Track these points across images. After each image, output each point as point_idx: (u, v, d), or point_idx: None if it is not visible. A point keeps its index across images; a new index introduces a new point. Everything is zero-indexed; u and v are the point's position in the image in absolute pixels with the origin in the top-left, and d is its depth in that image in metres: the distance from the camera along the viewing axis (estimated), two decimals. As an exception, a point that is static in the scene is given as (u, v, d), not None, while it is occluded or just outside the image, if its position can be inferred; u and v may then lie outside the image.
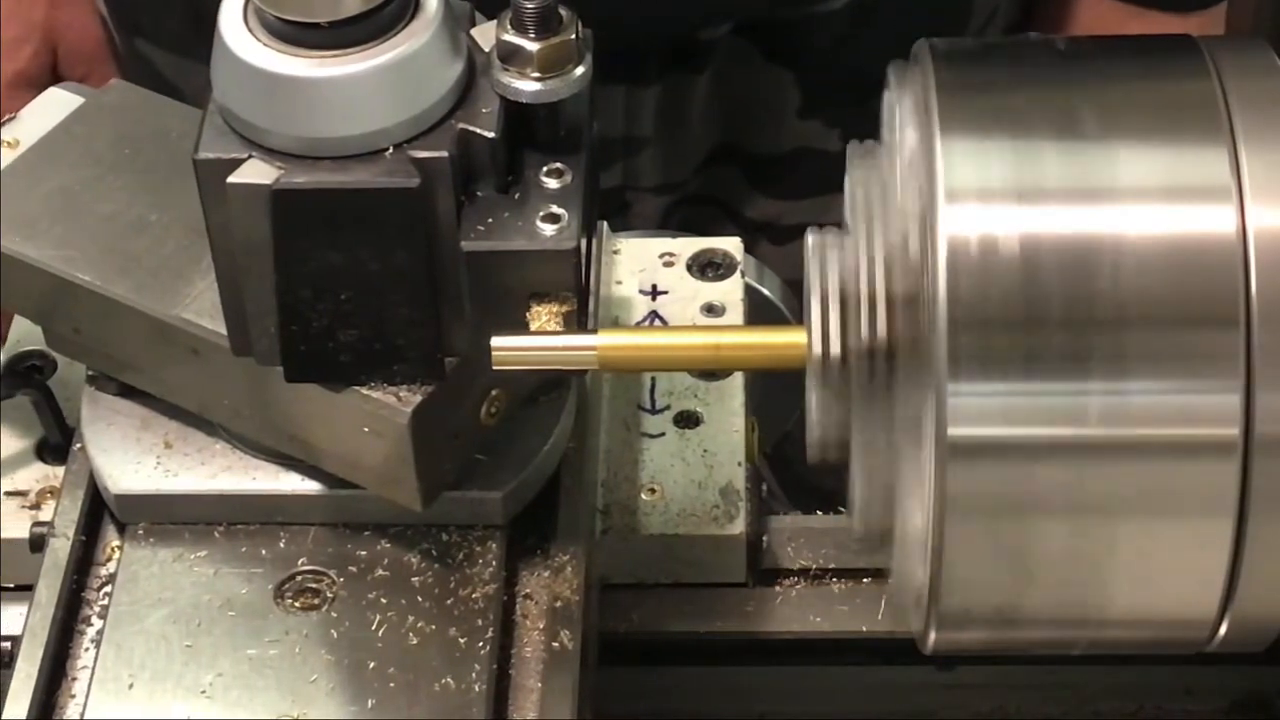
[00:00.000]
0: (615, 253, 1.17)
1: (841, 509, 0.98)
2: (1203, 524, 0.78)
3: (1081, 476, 0.77)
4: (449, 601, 0.93)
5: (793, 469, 1.31)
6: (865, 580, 1.07)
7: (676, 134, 1.45)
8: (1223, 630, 0.81)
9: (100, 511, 0.98)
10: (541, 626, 0.94)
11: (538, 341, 0.85)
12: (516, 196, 0.86)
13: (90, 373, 1.00)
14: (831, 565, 1.07)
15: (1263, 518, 0.77)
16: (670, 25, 1.38)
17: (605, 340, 0.84)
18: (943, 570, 0.79)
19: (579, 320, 0.86)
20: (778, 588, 1.07)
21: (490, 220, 0.85)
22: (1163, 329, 0.76)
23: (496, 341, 0.84)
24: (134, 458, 0.97)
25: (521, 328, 0.86)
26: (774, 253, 1.46)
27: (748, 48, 1.44)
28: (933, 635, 0.82)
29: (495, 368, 0.84)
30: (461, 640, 0.92)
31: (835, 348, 0.81)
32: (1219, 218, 0.76)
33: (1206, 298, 0.76)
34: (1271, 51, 0.81)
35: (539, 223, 0.85)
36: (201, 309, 0.93)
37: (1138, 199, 0.77)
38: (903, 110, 0.82)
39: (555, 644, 0.93)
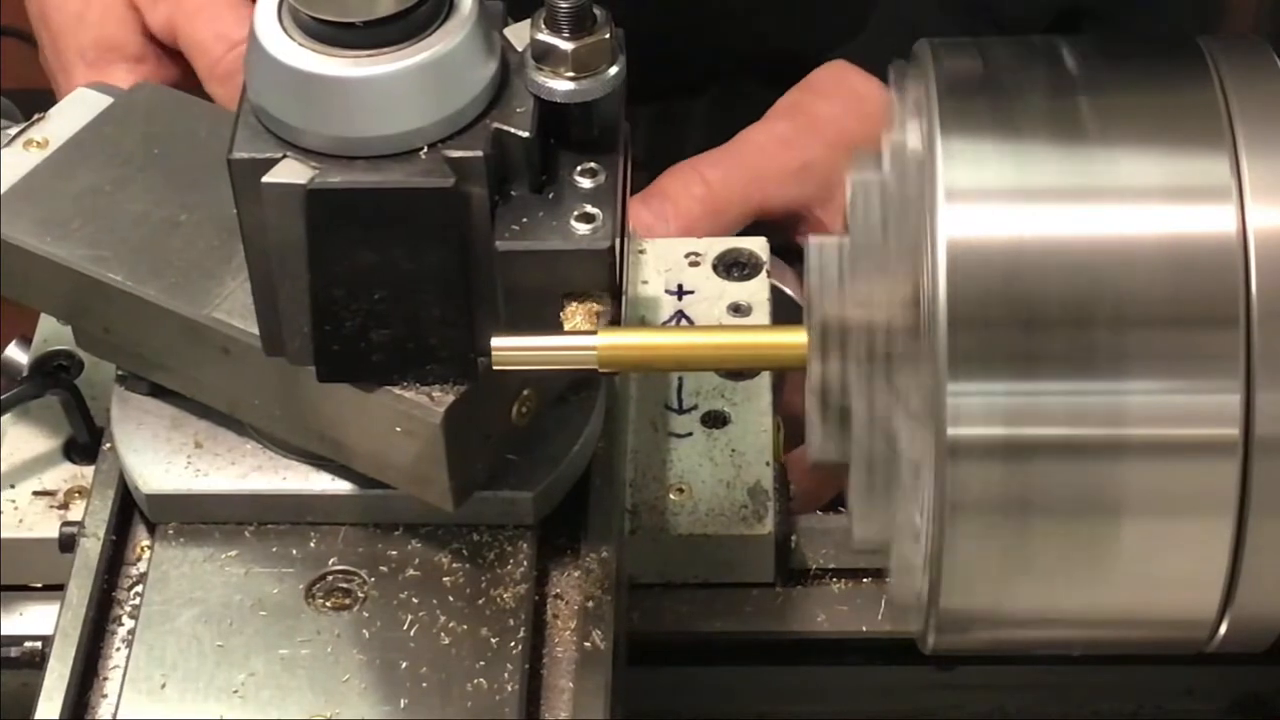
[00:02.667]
0: (641, 252, 1.17)
1: (841, 509, 0.99)
2: (1203, 524, 0.78)
3: (1081, 476, 0.77)
4: (480, 601, 0.93)
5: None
6: (865, 580, 1.06)
7: (671, 157, 1.44)
8: (1222, 630, 0.81)
9: (130, 511, 0.98)
10: (573, 626, 0.94)
11: (537, 341, 0.85)
12: (551, 196, 0.86)
13: (120, 372, 1.00)
14: (831, 565, 1.07)
15: (1263, 518, 0.77)
16: (669, 51, 1.38)
17: (605, 340, 0.84)
18: (943, 570, 0.78)
19: (613, 320, 0.86)
20: (777, 588, 1.06)
21: (524, 220, 0.85)
22: (1163, 329, 0.76)
23: (496, 342, 0.84)
24: (164, 457, 0.97)
25: (555, 328, 0.86)
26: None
27: (747, 74, 1.43)
28: (932, 636, 0.82)
29: (495, 368, 0.85)
30: (493, 640, 0.92)
31: (835, 348, 0.82)
32: (1219, 218, 0.76)
33: (1206, 298, 0.76)
34: (1272, 52, 0.81)
35: (573, 222, 0.85)
36: (233, 309, 0.93)
37: (1138, 199, 0.77)
38: (903, 110, 0.82)
39: (587, 644, 0.93)
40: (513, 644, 0.92)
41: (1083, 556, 0.79)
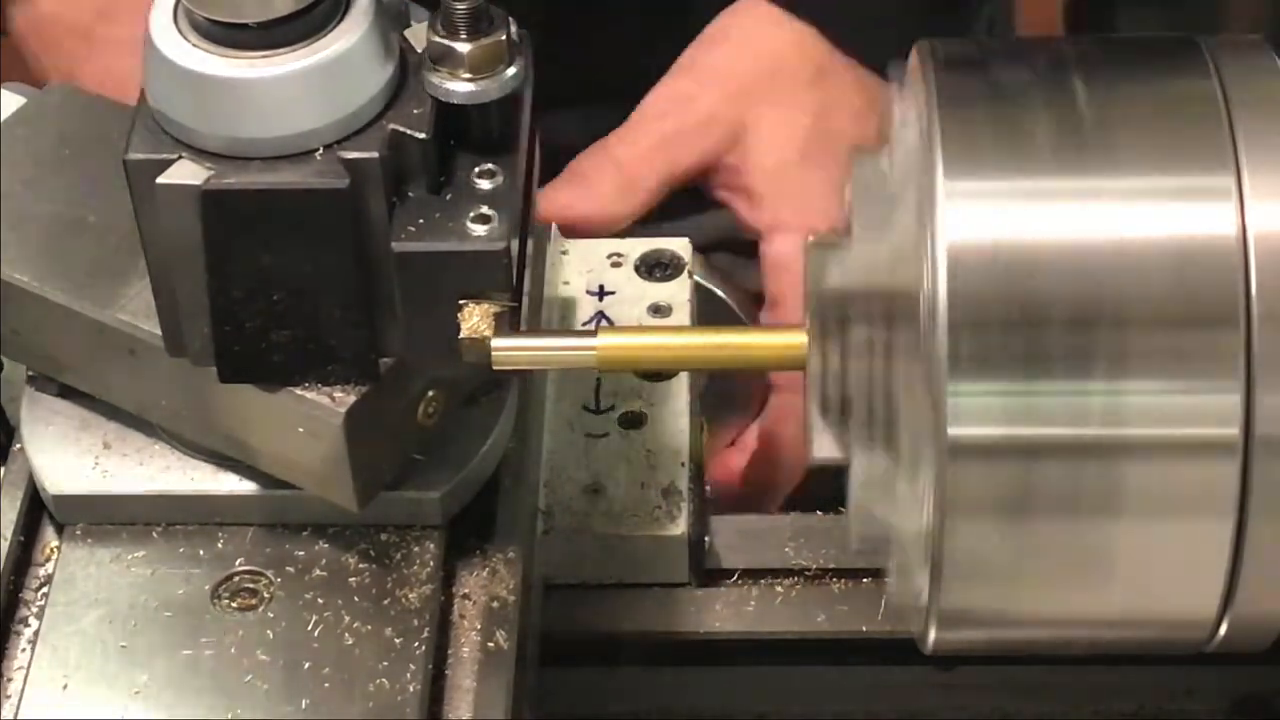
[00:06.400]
0: (563, 253, 1.17)
1: (841, 509, 0.98)
2: (1203, 524, 0.78)
3: (1081, 476, 0.77)
4: (386, 602, 0.93)
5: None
6: (865, 580, 1.06)
7: None
8: (1223, 630, 0.81)
9: (39, 512, 0.98)
10: (479, 627, 0.94)
11: (537, 341, 0.87)
12: (448, 197, 0.86)
13: (30, 373, 1.00)
14: (831, 565, 1.07)
15: (1263, 518, 0.77)
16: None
17: (605, 340, 0.85)
18: (943, 570, 0.79)
19: (512, 321, 0.86)
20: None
21: (421, 221, 0.85)
22: (1163, 329, 0.76)
23: (497, 342, 0.85)
24: (72, 458, 0.97)
25: (454, 329, 0.86)
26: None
27: None
28: (932, 635, 0.82)
29: (495, 368, 0.85)
30: (397, 641, 0.92)
31: (835, 347, 0.82)
32: (1219, 218, 0.77)
33: (1206, 298, 0.76)
34: (1272, 52, 0.81)
35: (469, 223, 0.85)
36: (138, 310, 0.93)
37: (1138, 199, 0.77)
38: (902, 110, 0.82)
39: (490, 644, 0.93)
40: (416, 644, 0.92)
41: (1083, 557, 0.79)
